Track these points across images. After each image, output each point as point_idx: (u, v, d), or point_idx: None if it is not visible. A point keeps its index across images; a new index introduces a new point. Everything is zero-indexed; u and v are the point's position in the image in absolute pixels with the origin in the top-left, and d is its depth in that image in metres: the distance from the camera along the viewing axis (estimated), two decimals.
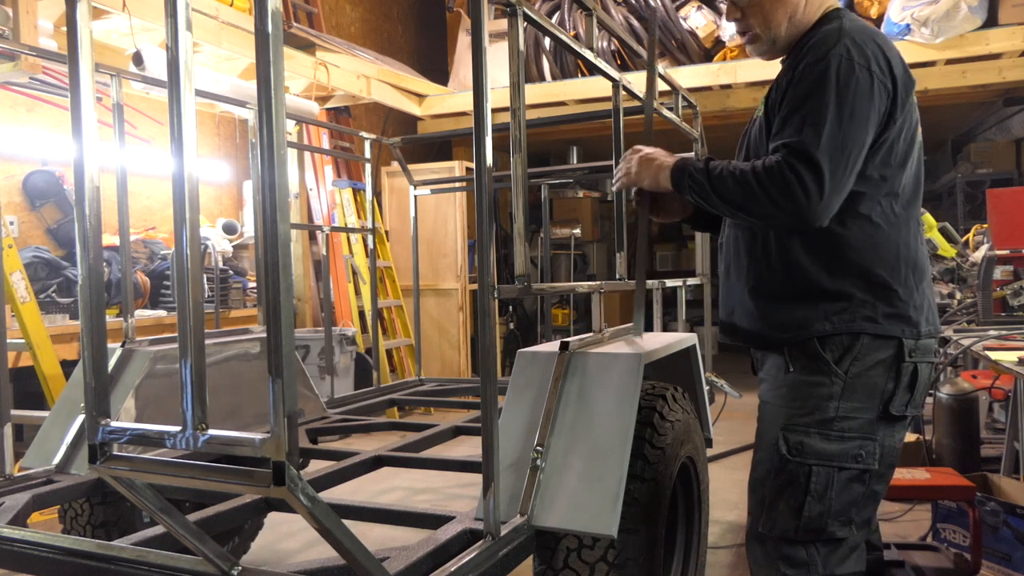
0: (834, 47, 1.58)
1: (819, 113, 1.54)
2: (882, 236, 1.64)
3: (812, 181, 1.52)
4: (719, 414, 3.34)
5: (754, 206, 1.60)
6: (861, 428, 1.63)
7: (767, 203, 1.57)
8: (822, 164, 1.52)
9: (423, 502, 3.95)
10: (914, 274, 1.68)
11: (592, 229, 9.55)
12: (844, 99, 1.54)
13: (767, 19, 1.75)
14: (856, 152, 1.56)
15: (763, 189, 1.56)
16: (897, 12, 5.61)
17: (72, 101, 1.31)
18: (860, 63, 1.56)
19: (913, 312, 1.65)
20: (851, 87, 1.55)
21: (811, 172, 1.52)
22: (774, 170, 1.55)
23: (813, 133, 1.53)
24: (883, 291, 1.64)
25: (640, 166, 1.87)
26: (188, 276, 1.25)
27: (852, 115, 1.54)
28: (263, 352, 3.01)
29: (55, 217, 4.65)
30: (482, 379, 1.65)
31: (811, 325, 1.65)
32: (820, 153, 1.52)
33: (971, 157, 7.70)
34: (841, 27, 1.63)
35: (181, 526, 1.40)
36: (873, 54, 1.59)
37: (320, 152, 6.22)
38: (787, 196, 1.54)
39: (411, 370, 6.34)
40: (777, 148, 1.59)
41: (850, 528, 1.65)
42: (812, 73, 1.58)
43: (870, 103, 1.55)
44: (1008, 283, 3.81)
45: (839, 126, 1.53)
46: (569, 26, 6.67)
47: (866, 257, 1.64)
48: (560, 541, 1.82)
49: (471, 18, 1.59)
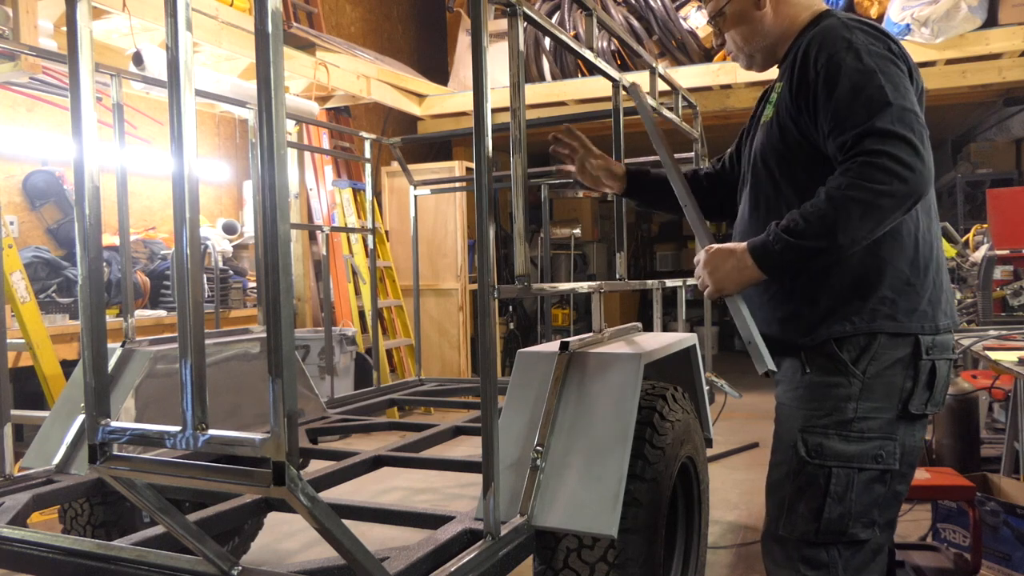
0: (850, 36, 1.58)
1: (876, 95, 1.49)
2: (906, 230, 1.61)
3: (909, 155, 1.45)
4: (719, 414, 3.34)
5: (874, 211, 1.46)
6: (881, 428, 1.61)
7: (881, 197, 1.45)
8: (906, 134, 1.45)
9: (423, 502, 3.95)
10: (931, 266, 1.64)
11: (592, 229, 9.56)
12: (889, 75, 1.51)
13: (736, 39, 1.80)
14: (922, 117, 1.51)
15: (868, 190, 1.45)
16: (897, 12, 5.61)
17: (72, 101, 1.31)
18: (877, 48, 1.56)
19: (929, 306, 1.62)
20: (888, 66, 1.53)
21: (902, 145, 1.45)
22: (867, 165, 1.46)
23: (882, 111, 1.47)
24: (902, 286, 1.60)
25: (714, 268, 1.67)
26: (188, 276, 1.25)
27: (900, 88, 1.51)
28: (263, 352, 3.01)
29: (55, 217, 4.66)
30: (482, 379, 1.65)
31: (830, 326, 1.62)
32: (901, 126, 1.46)
33: (971, 157, 7.70)
34: (842, 22, 1.63)
35: (181, 526, 1.40)
36: (883, 39, 1.59)
37: (320, 152, 6.22)
38: (895, 178, 1.44)
39: (411, 370, 6.34)
40: (853, 140, 1.50)
41: (873, 530, 1.62)
42: (842, 63, 1.54)
43: (903, 79, 1.54)
44: (1008, 283, 3.81)
45: (902, 97, 1.50)
46: (569, 26, 6.67)
47: (883, 252, 1.60)
48: (560, 541, 1.82)
49: (471, 18, 1.59)
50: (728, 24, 1.80)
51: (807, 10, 1.75)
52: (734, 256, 1.62)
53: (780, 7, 1.75)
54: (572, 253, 9.18)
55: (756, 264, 1.59)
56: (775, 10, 1.75)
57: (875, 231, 1.50)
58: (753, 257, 1.59)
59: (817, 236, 1.50)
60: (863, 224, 1.47)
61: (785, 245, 1.53)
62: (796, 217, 1.53)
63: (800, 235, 1.51)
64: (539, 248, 7.17)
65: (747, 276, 1.62)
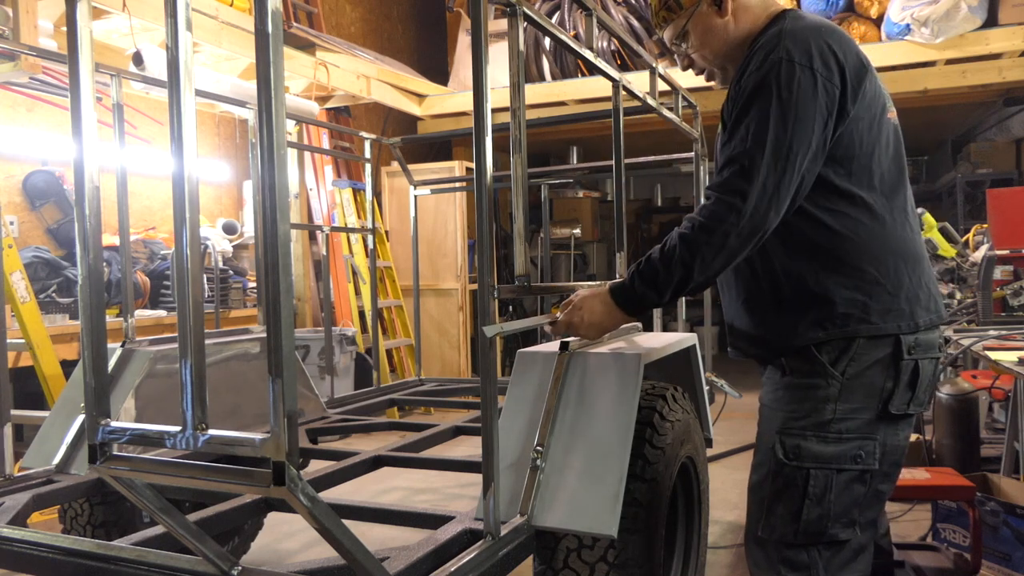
0: (773, 51, 1.58)
1: (763, 122, 1.54)
2: (864, 230, 1.61)
3: (757, 195, 1.54)
4: (719, 414, 3.34)
5: (723, 251, 1.58)
6: (860, 428, 1.61)
7: (729, 238, 1.57)
8: (757, 172, 1.53)
9: (423, 502, 3.95)
10: (905, 264, 1.64)
11: (592, 229, 9.56)
12: (787, 104, 1.54)
13: (706, 55, 1.78)
14: (803, 153, 1.55)
15: (718, 233, 1.56)
16: (897, 12, 5.61)
17: (72, 101, 1.31)
18: (801, 63, 1.55)
19: (906, 304, 1.62)
20: (793, 90, 1.54)
21: (745, 180, 1.54)
22: (720, 203, 1.56)
23: (756, 144, 1.54)
24: (872, 287, 1.61)
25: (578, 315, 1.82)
26: (188, 276, 1.25)
27: (797, 118, 1.53)
28: (263, 352, 3.01)
29: (55, 217, 4.66)
30: (482, 379, 1.64)
31: (804, 333, 1.63)
32: (763, 162, 1.53)
33: (971, 157, 7.70)
34: (782, 30, 1.63)
35: (181, 526, 1.40)
36: (818, 50, 1.57)
37: (320, 152, 6.22)
38: (742, 217, 1.54)
39: (411, 370, 6.33)
40: (720, 164, 1.61)
41: (853, 530, 1.63)
42: (754, 81, 1.58)
43: (814, 103, 1.54)
44: (1008, 283, 3.81)
45: (784, 131, 1.53)
46: (569, 26, 6.67)
47: (849, 255, 1.61)
48: (560, 541, 1.82)
49: (471, 18, 1.59)
50: (695, 41, 1.78)
51: (764, 11, 1.74)
52: (599, 299, 1.76)
53: (739, 13, 1.74)
54: (572, 253, 9.18)
55: (619, 308, 1.74)
56: (735, 16, 1.74)
57: (729, 264, 1.61)
58: (615, 301, 1.74)
59: (673, 280, 1.63)
60: (715, 262, 1.59)
61: (644, 292, 1.68)
62: (655, 263, 1.64)
63: (653, 283, 1.65)
64: (539, 248, 7.17)
65: (615, 318, 1.77)
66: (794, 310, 1.65)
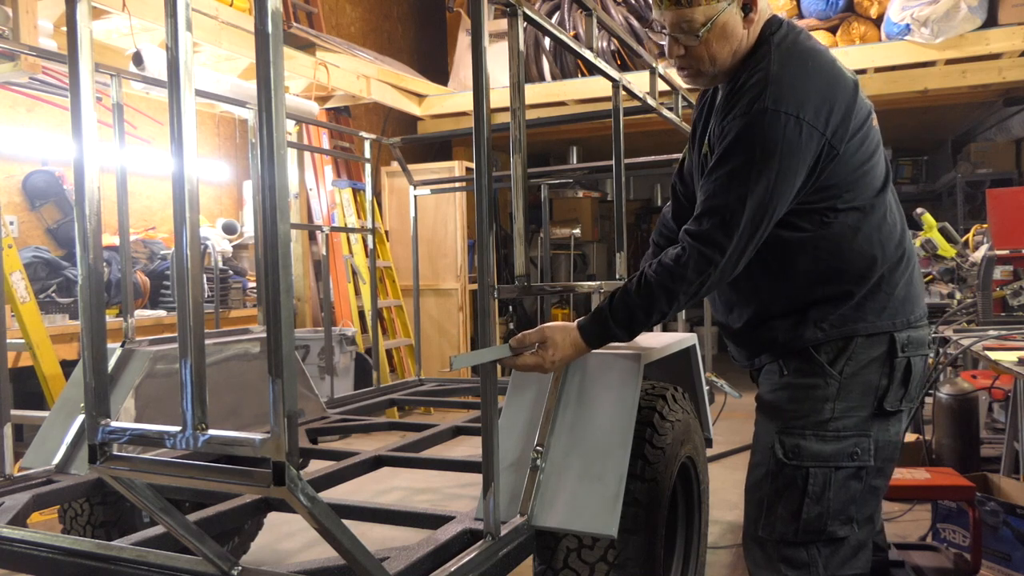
0: (759, 97, 1.55)
1: (745, 175, 1.55)
2: (852, 234, 1.63)
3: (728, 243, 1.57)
4: (719, 414, 3.34)
5: (691, 297, 1.64)
6: (856, 426, 1.63)
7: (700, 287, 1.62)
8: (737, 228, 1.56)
9: (423, 502, 3.95)
10: (902, 262, 1.67)
11: (592, 229, 9.55)
12: (771, 156, 1.53)
13: (713, 56, 1.67)
14: (782, 206, 1.58)
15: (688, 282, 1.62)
16: (897, 12, 5.61)
17: (72, 101, 1.31)
18: (787, 112, 1.53)
19: (899, 301, 1.65)
20: (778, 144, 1.53)
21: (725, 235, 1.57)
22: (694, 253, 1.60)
23: (738, 199, 1.55)
24: (864, 288, 1.63)
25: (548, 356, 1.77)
26: (188, 276, 1.25)
27: (779, 172, 1.53)
28: (263, 352, 3.01)
29: (55, 217, 4.65)
30: (482, 379, 1.65)
31: (802, 335, 1.65)
32: (744, 219, 1.55)
33: (971, 157, 7.70)
34: (768, 71, 1.58)
35: (181, 526, 1.40)
36: (805, 95, 1.55)
37: (320, 152, 6.22)
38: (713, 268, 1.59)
39: (411, 370, 6.34)
40: (699, 210, 1.63)
41: (851, 526, 1.64)
42: (738, 128, 1.57)
43: (799, 154, 1.54)
44: (1008, 283, 3.81)
45: (766, 187, 1.54)
46: (569, 26, 6.66)
47: (840, 258, 1.63)
48: (560, 541, 1.82)
49: (471, 18, 1.59)
50: (712, 36, 1.65)
51: (760, 24, 1.70)
52: (568, 339, 1.76)
53: (754, 28, 1.68)
54: (572, 253, 9.17)
55: (588, 345, 1.76)
56: (750, 31, 1.67)
57: (692, 302, 1.70)
58: (586, 340, 1.75)
59: (649, 322, 1.69)
60: (684, 304, 1.67)
61: (617, 333, 1.71)
62: (633, 307, 1.67)
63: (628, 325, 1.70)
64: (539, 248, 7.17)
65: (580, 353, 1.79)
66: (791, 316, 1.67)
